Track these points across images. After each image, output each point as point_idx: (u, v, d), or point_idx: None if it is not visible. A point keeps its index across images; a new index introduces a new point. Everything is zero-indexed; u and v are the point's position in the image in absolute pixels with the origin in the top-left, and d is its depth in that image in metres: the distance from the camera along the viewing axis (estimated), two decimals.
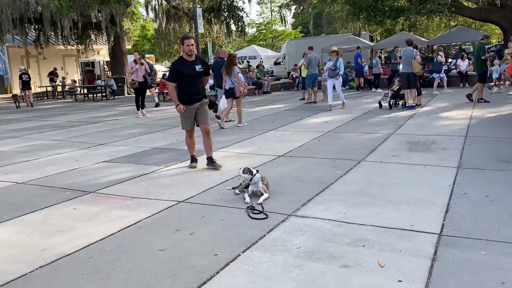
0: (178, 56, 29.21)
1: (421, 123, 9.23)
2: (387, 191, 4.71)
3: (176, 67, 6.00)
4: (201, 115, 6.15)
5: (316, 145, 7.47)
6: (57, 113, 14.86)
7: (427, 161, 5.95)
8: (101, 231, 3.86)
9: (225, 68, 10.02)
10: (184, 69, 5.91)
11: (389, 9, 19.81)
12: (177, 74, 5.94)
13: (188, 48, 5.88)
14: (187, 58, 5.96)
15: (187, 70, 5.90)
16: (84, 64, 28.13)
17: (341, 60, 12.46)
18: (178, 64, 6.02)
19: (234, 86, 9.96)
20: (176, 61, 6.19)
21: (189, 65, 5.92)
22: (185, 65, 5.94)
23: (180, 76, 5.92)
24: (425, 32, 35.04)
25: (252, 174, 4.65)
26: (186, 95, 5.97)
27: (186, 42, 5.86)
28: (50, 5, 16.30)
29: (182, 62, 5.99)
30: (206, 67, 6.20)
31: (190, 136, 6.27)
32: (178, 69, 5.95)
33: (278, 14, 35.72)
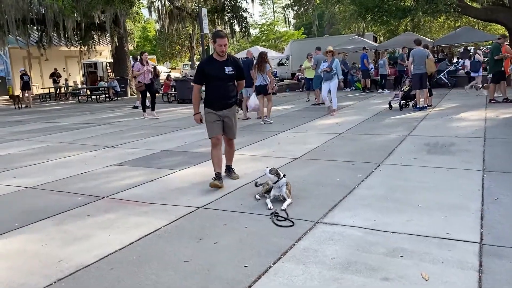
0: (180, 58, 29.04)
1: (436, 124, 9.03)
2: (414, 196, 4.51)
3: (203, 66, 5.20)
4: (229, 127, 5.34)
5: (331, 147, 7.27)
6: (61, 115, 14.67)
7: (449, 164, 5.75)
8: (120, 240, 3.66)
9: (257, 66, 10.51)
10: (211, 70, 5.10)
11: (395, 9, 19.65)
12: (203, 75, 5.15)
13: (219, 49, 5.01)
14: (217, 57, 5.11)
15: (215, 71, 5.09)
16: (86, 65, 27.95)
17: (338, 62, 11.52)
18: (205, 64, 5.22)
19: (266, 83, 10.47)
20: (204, 60, 5.40)
21: (217, 66, 5.09)
22: (213, 65, 5.11)
23: (207, 77, 5.15)
24: (428, 33, 34.87)
25: (279, 177, 4.45)
26: (211, 99, 5.20)
27: (218, 41, 4.98)
28: (53, 5, 16.11)
29: (211, 61, 5.16)
30: (239, 69, 5.30)
31: (215, 146, 5.22)
32: (204, 69, 5.13)
33: (281, 15, 35.64)
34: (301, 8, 29.77)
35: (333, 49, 11.71)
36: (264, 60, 10.51)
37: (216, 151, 5.26)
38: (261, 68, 10.43)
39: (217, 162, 5.24)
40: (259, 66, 10.45)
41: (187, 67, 38.96)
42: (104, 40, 27.69)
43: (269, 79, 10.54)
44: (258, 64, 10.50)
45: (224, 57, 5.13)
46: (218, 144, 5.25)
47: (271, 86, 10.66)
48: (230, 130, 5.37)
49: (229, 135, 5.42)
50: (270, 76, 10.58)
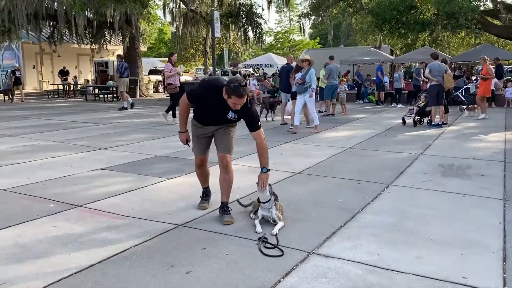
0: (194, 62, 28.60)
1: (451, 143, 8.42)
2: (425, 226, 3.94)
3: (204, 95, 3.91)
4: (221, 139, 4.13)
5: (337, 163, 6.72)
6: (63, 112, 14.31)
7: (466, 190, 5.17)
8: (79, 261, 3.15)
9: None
10: (211, 104, 3.91)
11: (413, 22, 19.07)
12: (200, 102, 3.99)
13: (233, 106, 3.75)
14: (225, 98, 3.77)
15: (215, 107, 3.91)
16: (97, 64, 27.75)
17: (313, 72, 9.91)
18: (209, 94, 3.88)
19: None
20: (209, 87, 3.92)
21: (222, 105, 3.83)
22: (217, 101, 3.82)
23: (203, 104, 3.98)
24: (446, 49, 34.12)
25: (276, 197, 3.93)
26: (202, 116, 4.10)
27: (233, 99, 3.67)
28: (63, 1, 15.82)
29: (217, 96, 3.79)
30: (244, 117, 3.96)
31: (199, 166, 4.33)
32: (205, 99, 3.93)
33: (296, 23, 35.21)
34: (318, 18, 29.35)
35: (309, 58, 10.12)
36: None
37: (200, 170, 4.39)
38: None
39: (203, 179, 4.47)
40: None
41: (200, 71, 38.68)
42: (116, 39, 27.48)
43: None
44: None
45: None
46: (202, 165, 4.34)
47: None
48: (221, 143, 4.12)
49: (220, 149, 4.12)
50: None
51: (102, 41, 23.98)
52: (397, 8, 18.36)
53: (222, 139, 4.13)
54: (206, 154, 4.32)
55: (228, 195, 4.18)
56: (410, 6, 18.61)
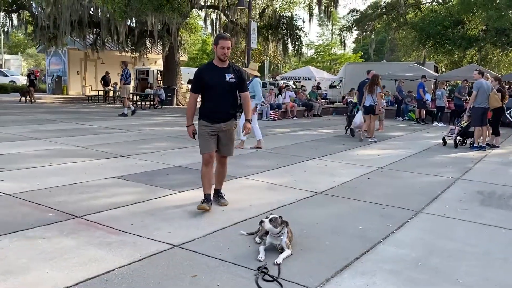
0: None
1: (494, 169, 7.70)
2: (455, 265, 3.41)
3: (201, 73, 4.58)
4: (225, 144, 4.70)
5: (365, 184, 6.20)
6: (96, 117, 14.44)
7: (507, 223, 4.55)
8: (55, 280, 2.86)
9: (368, 87, 10.86)
10: (210, 77, 4.49)
11: (460, 38, 18.16)
12: (201, 83, 4.52)
13: (222, 51, 4.42)
14: (217, 63, 4.52)
15: (214, 78, 4.48)
16: (139, 72, 28.26)
17: (257, 82, 8.98)
18: (204, 70, 4.61)
19: (374, 104, 10.74)
20: (203, 66, 4.77)
21: (217, 73, 4.49)
22: (213, 71, 4.51)
23: (205, 85, 4.52)
24: (495, 68, 32.51)
25: (283, 226, 3.51)
26: (208, 110, 4.57)
27: (221, 43, 4.40)
28: (104, 9, 16.13)
29: (210, 68, 4.56)
30: (241, 79, 4.64)
31: (207, 164, 4.62)
32: (203, 76, 4.52)
33: (338, 37, 34.71)
34: (362, 32, 28.75)
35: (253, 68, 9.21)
36: (375, 83, 10.81)
37: (207, 169, 4.67)
38: (372, 90, 10.77)
39: (207, 182, 4.67)
40: (370, 88, 10.82)
41: None
42: (157, 48, 27.92)
43: (378, 101, 10.88)
44: (369, 85, 10.86)
45: (225, 63, 4.57)
46: (210, 162, 4.67)
47: (378, 108, 10.95)
48: (224, 147, 4.73)
49: (223, 152, 4.76)
50: (378, 98, 10.96)
51: (143, 49, 24.37)
52: (442, 23, 17.56)
53: (227, 144, 4.74)
54: (213, 151, 4.67)
55: (222, 183, 4.96)
56: (456, 21, 17.76)
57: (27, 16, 22.61)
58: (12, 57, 49.76)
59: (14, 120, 12.72)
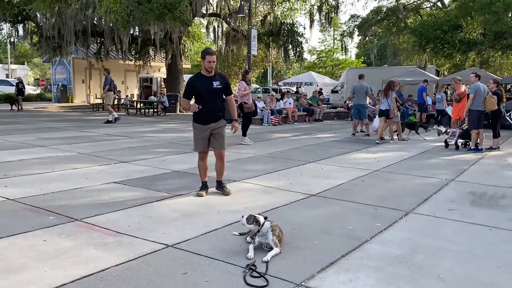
0: (237, 79, 29.37)
1: (489, 170, 7.81)
2: (437, 262, 3.54)
3: (192, 82, 5.48)
4: (217, 140, 5.54)
5: (359, 186, 6.34)
6: (100, 125, 14.67)
7: (494, 222, 4.67)
8: (53, 278, 3.03)
9: (384, 92, 11.58)
10: (200, 85, 5.38)
11: (459, 42, 18.27)
12: (192, 90, 5.43)
13: (208, 65, 5.33)
14: (205, 73, 5.42)
15: (204, 85, 5.37)
16: (142, 80, 28.57)
17: None
18: (194, 80, 5.48)
19: (390, 108, 11.33)
20: (193, 76, 5.62)
21: (206, 81, 5.38)
22: (202, 80, 5.40)
23: (196, 92, 5.41)
24: (498, 71, 32.53)
25: (260, 224, 3.66)
26: (201, 113, 5.40)
27: (207, 58, 5.31)
28: (107, 18, 16.42)
29: (200, 77, 5.45)
30: (226, 84, 5.52)
31: (202, 158, 5.59)
32: (194, 85, 5.42)
33: (340, 42, 34.90)
34: (364, 37, 28.92)
35: None
36: (390, 88, 11.42)
37: (202, 162, 5.59)
38: (387, 94, 11.42)
39: (203, 172, 5.60)
40: (385, 92, 11.49)
41: None
42: (160, 56, 28.24)
43: (393, 105, 11.41)
44: (385, 90, 11.55)
45: (211, 73, 5.41)
46: (204, 157, 5.61)
47: (393, 112, 11.41)
48: (217, 142, 5.53)
49: (217, 147, 5.57)
50: (394, 102, 11.46)
51: (146, 57, 24.68)
52: (441, 27, 17.69)
53: (218, 140, 5.53)
54: (207, 149, 5.59)
55: (222, 175, 5.70)
56: (455, 25, 17.87)
57: (32, 26, 22.99)
58: (19, 67, 50.42)
59: (19, 128, 12.97)
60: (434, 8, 22.15)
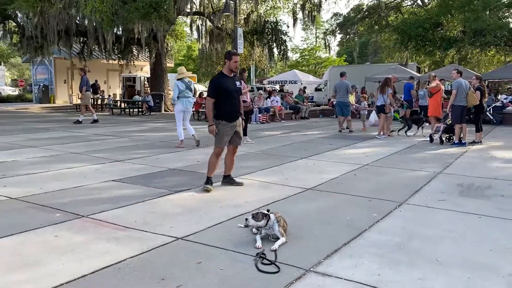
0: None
1: (473, 163, 8.13)
2: (433, 247, 3.76)
3: (219, 82, 5.67)
4: (238, 135, 5.92)
5: (351, 180, 6.56)
6: (87, 125, 14.62)
7: (483, 210, 4.93)
8: (72, 270, 3.14)
9: (380, 88, 12.00)
10: (227, 84, 5.66)
11: (439, 39, 18.74)
12: (220, 89, 5.62)
13: (235, 65, 5.69)
14: (227, 73, 5.73)
15: (231, 85, 5.69)
16: (125, 79, 28.41)
17: (176, 84, 9.68)
18: (220, 79, 5.70)
19: (385, 104, 11.82)
20: (217, 76, 5.81)
21: (231, 81, 5.74)
22: (227, 80, 5.69)
23: (223, 91, 5.63)
24: (476, 67, 33.37)
25: (268, 218, 3.82)
26: (230, 111, 5.70)
27: (234, 58, 5.67)
28: (92, 18, 16.33)
29: (224, 77, 5.72)
30: (241, 84, 6.10)
31: (218, 155, 5.81)
32: (221, 84, 5.63)
33: (322, 41, 35.26)
34: (346, 35, 29.31)
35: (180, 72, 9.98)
36: (387, 84, 11.88)
37: (217, 159, 5.79)
38: (383, 90, 11.85)
39: (214, 168, 5.79)
40: (382, 88, 11.92)
41: None
42: (144, 55, 28.13)
43: (388, 101, 11.83)
44: (382, 86, 11.98)
45: (232, 73, 5.78)
46: (220, 154, 5.84)
47: (388, 107, 11.88)
48: (238, 138, 5.93)
49: (237, 143, 5.95)
50: (390, 98, 11.86)
51: (130, 56, 24.56)
52: (422, 25, 18.11)
53: (238, 136, 5.92)
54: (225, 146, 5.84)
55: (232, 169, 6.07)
56: (436, 23, 18.32)
57: (13, 26, 22.65)
58: None
59: (5, 129, 12.85)
60: (414, 6, 22.65)
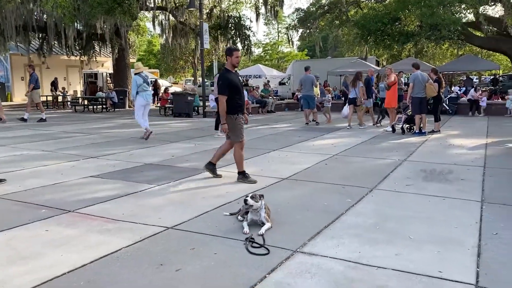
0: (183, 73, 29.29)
1: (434, 150, 8.66)
2: (406, 227, 4.11)
3: (229, 78, 5.80)
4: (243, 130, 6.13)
5: (323, 169, 6.89)
6: (53, 123, 14.34)
7: (446, 193, 5.36)
8: (72, 261, 3.26)
9: (352, 82, 12.74)
10: (236, 80, 5.87)
11: (398, 34, 19.50)
12: (231, 85, 5.76)
13: (237, 60, 5.85)
14: (231, 69, 5.89)
15: (237, 80, 5.91)
16: (87, 75, 27.79)
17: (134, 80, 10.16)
18: (229, 76, 5.84)
19: (357, 97, 12.57)
20: (224, 73, 5.91)
21: (236, 76, 5.98)
22: (234, 76, 5.90)
23: (234, 87, 5.79)
24: (431, 60, 34.80)
25: (262, 199, 4.07)
26: (239, 104, 5.89)
27: (235, 54, 5.82)
28: (53, 13, 15.93)
29: (230, 73, 5.88)
30: None
31: (242, 148, 6.04)
32: (231, 81, 5.78)
33: (285, 36, 35.68)
34: (306, 30, 29.77)
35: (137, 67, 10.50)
36: (358, 78, 12.63)
37: (242, 152, 6.04)
38: (355, 84, 12.60)
39: (242, 161, 6.02)
40: (353, 82, 12.66)
41: (189, 83, 38.84)
42: (105, 50, 27.59)
43: (359, 94, 12.57)
44: (353, 80, 12.70)
45: (234, 69, 5.96)
46: (243, 147, 6.07)
47: (359, 99, 12.60)
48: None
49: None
50: (361, 91, 12.56)
51: (92, 52, 24.07)
52: (382, 20, 18.77)
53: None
54: None
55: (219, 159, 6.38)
56: (394, 18, 19.04)
57: None
58: None
59: None
60: (373, 1, 23.38)
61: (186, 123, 14.48)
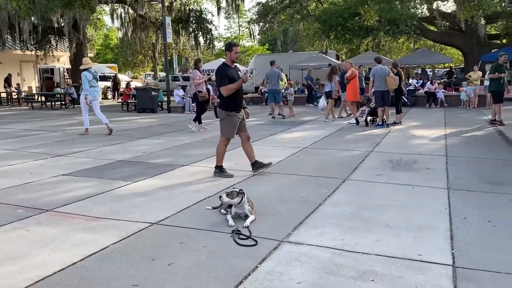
0: (142, 67, 28.74)
1: (398, 141, 9.03)
2: (382, 214, 4.32)
3: (226, 71, 5.75)
4: (244, 124, 6.09)
5: (296, 162, 7.06)
6: (10, 121, 13.79)
7: (414, 181, 5.65)
8: (60, 260, 3.23)
9: (328, 76, 13.23)
10: (234, 75, 5.79)
11: (358, 28, 20.01)
12: (228, 78, 5.69)
13: (236, 56, 5.83)
14: (230, 64, 5.85)
15: (236, 76, 5.81)
16: (43, 71, 26.78)
17: (84, 76, 10.04)
18: (227, 69, 5.78)
19: (332, 90, 13.06)
20: (222, 67, 5.83)
21: (235, 71, 5.88)
22: (233, 71, 5.83)
23: (230, 81, 5.70)
24: (388, 53, 35.91)
25: (242, 196, 4.14)
26: (237, 101, 5.87)
27: (234, 49, 5.81)
28: (7, 6, 15.26)
29: (229, 68, 5.83)
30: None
31: (227, 144, 6.03)
32: (229, 74, 5.73)
33: (246, 29, 35.75)
34: (266, 24, 29.95)
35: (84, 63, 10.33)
36: (334, 72, 13.18)
37: (225, 148, 6.02)
38: (331, 78, 13.16)
39: (222, 157, 6.03)
40: (330, 76, 13.16)
41: (149, 77, 38.18)
42: (62, 45, 26.69)
43: (335, 87, 13.06)
44: (329, 74, 13.20)
45: (233, 64, 5.92)
46: (228, 144, 6.06)
47: (335, 92, 13.14)
48: (245, 126, 6.12)
49: (245, 130, 6.10)
50: (336, 84, 13.07)
51: (48, 47, 23.22)
52: (342, 15, 19.21)
53: (244, 124, 6.11)
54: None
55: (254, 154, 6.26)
56: (354, 13, 19.52)
57: None
58: None
59: None
60: None
61: (151, 119, 14.32)
